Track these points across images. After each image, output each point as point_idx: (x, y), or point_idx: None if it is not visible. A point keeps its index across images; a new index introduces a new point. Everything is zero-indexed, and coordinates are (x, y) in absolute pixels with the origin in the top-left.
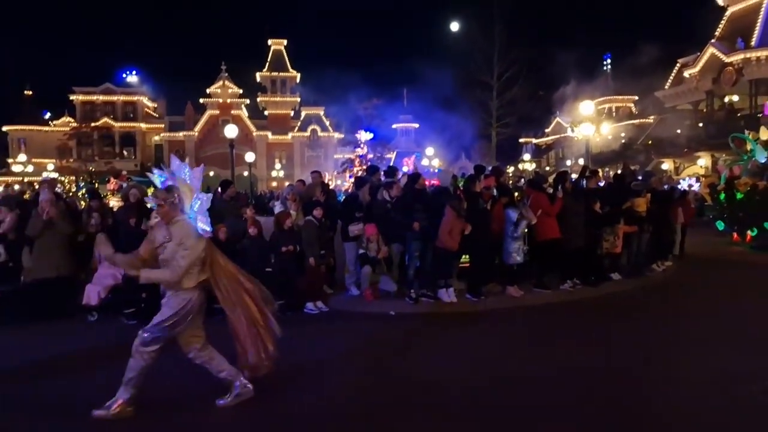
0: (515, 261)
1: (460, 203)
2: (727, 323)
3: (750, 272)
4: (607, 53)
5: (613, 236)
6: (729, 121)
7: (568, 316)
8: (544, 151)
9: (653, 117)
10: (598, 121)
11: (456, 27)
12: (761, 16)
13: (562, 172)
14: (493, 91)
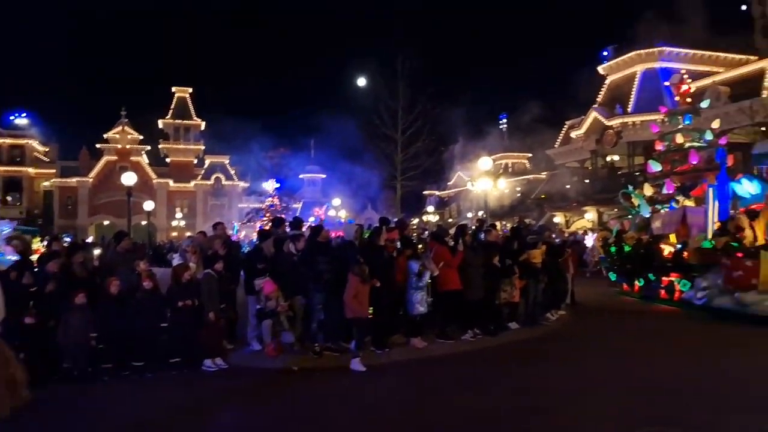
0: (419, 312)
1: (362, 268)
2: (615, 369)
3: (637, 320)
4: (503, 113)
5: (511, 286)
6: (611, 179)
7: (470, 365)
8: (446, 203)
9: (545, 173)
10: (496, 176)
11: (363, 82)
12: (636, 86)
13: (462, 225)
14: (398, 145)
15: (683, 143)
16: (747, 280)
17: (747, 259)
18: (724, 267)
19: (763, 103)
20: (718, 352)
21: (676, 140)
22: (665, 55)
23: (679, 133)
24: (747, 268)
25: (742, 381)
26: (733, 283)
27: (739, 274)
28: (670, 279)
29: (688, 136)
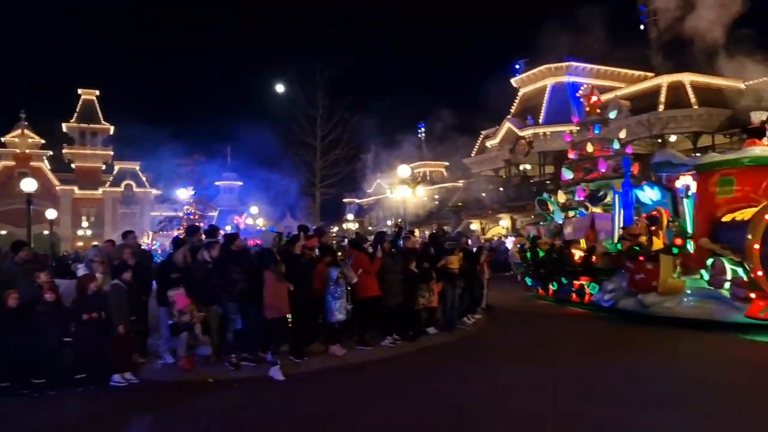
0: (338, 319)
1: (278, 265)
2: (528, 369)
3: (550, 322)
4: (421, 123)
5: (429, 292)
6: (523, 187)
7: (389, 371)
8: (366, 210)
9: (462, 181)
10: (414, 184)
11: (281, 89)
12: (546, 98)
13: (381, 232)
14: (317, 153)
15: (593, 152)
16: (648, 282)
17: (648, 262)
18: (627, 270)
19: (660, 117)
20: (621, 351)
21: (587, 149)
22: (572, 70)
23: (589, 143)
24: (648, 271)
25: (644, 377)
26: (635, 286)
27: (641, 277)
28: (580, 283)
29: (598, 145)
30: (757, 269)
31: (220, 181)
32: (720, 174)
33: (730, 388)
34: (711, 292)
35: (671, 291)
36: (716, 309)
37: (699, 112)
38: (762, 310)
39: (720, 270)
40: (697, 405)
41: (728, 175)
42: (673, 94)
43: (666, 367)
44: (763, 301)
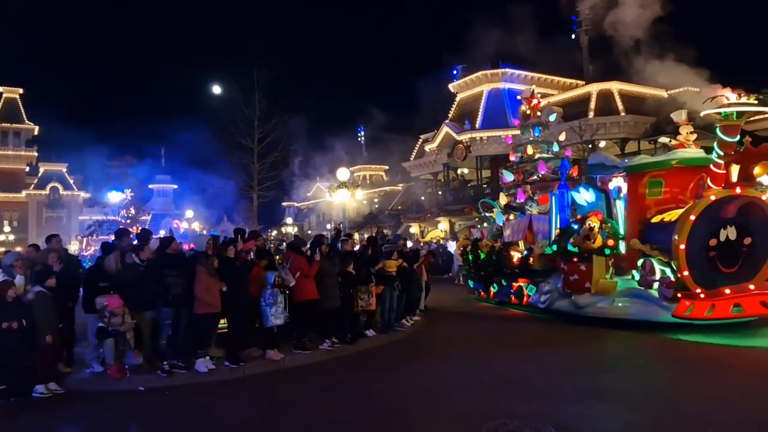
0: (275, 324)
1: (210, 260)
2: (465, 369)
3: (488, 324)
4: (361, 126)
5: (368, 294)
6: (461, 191)
7: (327, 374)
8: (305, 214)
9: (401, 185)
10: (354, 187)
11: (218, 90)
12: (482, 104)
13: (319, 235)
14: (254, 155)
15: (533, 154)
16: (582, 283)
17: (582, 263)
18: (562, 272)
19: (590, 123)
20: (554, 350)
21: (527, 151)
22: (508, 77)
23: (529, 145)
24: (581, 272)
25: (574, 375)
26: (570, 287)
27: (574, 278)
28: (519, 284)
29: (538, 148)
30: (683, 269)
31: (154, 184)
32: (649, 176)
33: (654, 384)
34: (641, 292)
35: (604, 291)
36: (645, 309)
37: (626, 119)
38: (687, 310)
39: (649, 270)
40: (624, 400)
41: (657, 176)
42: (603, 101)
43: (595, 365)
44: (689, 301)
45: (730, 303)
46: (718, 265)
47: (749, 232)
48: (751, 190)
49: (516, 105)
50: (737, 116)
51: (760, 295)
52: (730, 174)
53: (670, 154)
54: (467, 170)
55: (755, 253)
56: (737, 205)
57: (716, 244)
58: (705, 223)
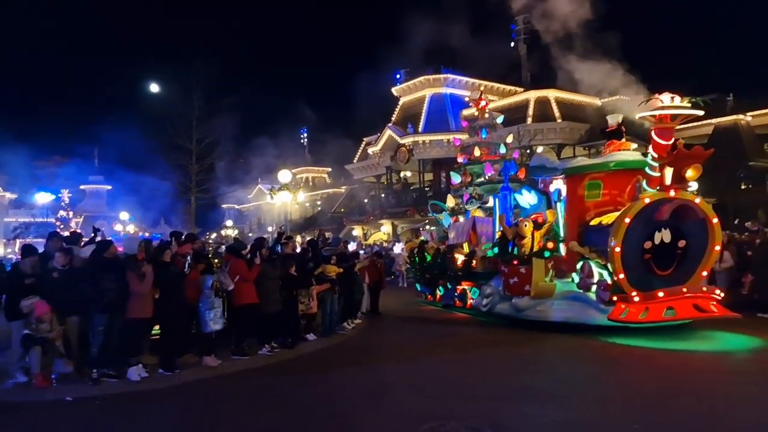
0: (213, 329)
1: (140, 265)
2: (405, 371)
3: (431, 327)
4: (303, 128)
5: (308, 298)
6: (404, 193)
7: (266, 380)
8: (246, 216)
9: (345, 187)
10: (296, 190)
11: (156, 88)
12: (425, 108)
13: (260, 238)
14: (193, 156)
15: (480, 156)
16: (521, 286)
17: (521, 266)
18: (502, 274)
19: (528, 129)
20: (491, 353)
21: (474, 153)
22: (450, 82)
23: (476, 147)
24: (521, 275)
25: (513, 375)
26: (510, 290)
27: (514, 281)
28: (463, 287)
29: (485, 150)
30: (619, 272)
31: (86, 185)
32: (588, 178)
33: (586, 384)
34: (579, 295)
35: (543, 294)
36: (583, 312)
37: (562, 126)
38: (623, 313)
39: (588, 273)
40: (558, 400)
41: (595, 179)
42: (540, 108)
43: (532, 367)
44: (624, 304)
45: (663, 306)
46: (654, 268)
47: (683, 234)
48: (685, 193)
49: (458, 109)
50: (671, 119)
51: (692, 298)
52: (665, 177)
53: (608, 157)
54: (410, 173)
55: (689, 256)
56: (671, 208)
57: (651, 247)
58: (640, 225)
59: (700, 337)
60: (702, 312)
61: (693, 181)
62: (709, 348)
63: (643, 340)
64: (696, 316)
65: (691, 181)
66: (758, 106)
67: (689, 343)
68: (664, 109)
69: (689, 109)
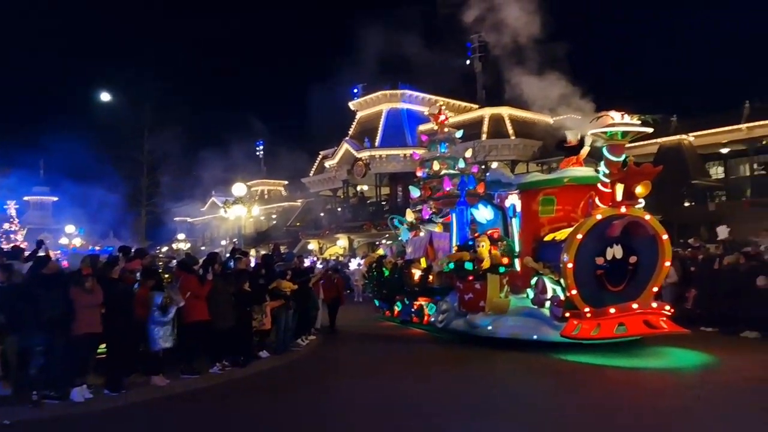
0: (162, 347)
1: (84, 280)
2: (358, 389)
3: (386, 344)
4: (260, 140)
5: (261, 314)
6: (360, 208)
7: (216, 400)
8: (199, 230)
9: (300, 201)
10: (251, 203)
11: (107, 97)
12: (382, 122)
13: (212, 253)
14: (144, 167)
15: (439, 170)
16: (476, 302)
17: (476, 282)
18: (458, 290)
19: (483, 145)
20: (446, 369)
21: (434, 167)
22: (407, 97)
23: (435, 161)
24: (476, 291)
25: (465, 392)
26: (465, 306)
27: (469, 297)
28: (420, 303)
29: (444, 164)
30: (572, 288)
31: (30, 196)
32: (542, 193)
33: (535, 400)
34: (533, 311)
35: (497, 310)
36: (537, 328)
37: (516, 142)
38: (575, 330)
39: (542, 289)
40: (509, 416)
41: (549, 194)
42: (494, 125)
43: (484, 383)
44: (577, 320)
45: (615, 322)
46: (606, 284)
47: (634, 250)
48: (636, 210)
49: (414, 124)
50: (622, 136)
51: (643, 314)
52: (616, 193)
53: (562, 172)
54: (366, 187)
55: (641, 272)
56: (622, 224)
57: (603, 263)
58: (592, 241)
59: (649, 353)
60: (652, 328)
61: (642, 197)
62: (657, 364)
63: (595, 357)
64: (646, 333)
65: (640, 197)
66: (700, 126)
67: (638, 360)
68: (615, 126)
69: (639, 127)
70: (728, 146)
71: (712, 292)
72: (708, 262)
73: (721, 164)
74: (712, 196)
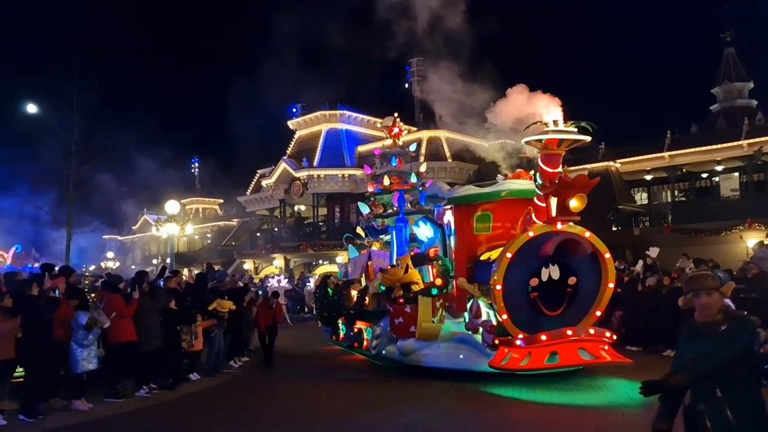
0: (85, 369)
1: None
2: (292, 413)
3: (323, 370)
4: (195, 157)
5: (191, 335)
6: (297, 227)
7: (142, 424)
8: (130, 248)
9: (237, 220)
10: (184, 221)
11: (33, 108)
12: (321, 142)
13: (140, 272)
14: (70, 183)
15: (390, 186)
16: (407, 327)
17: (406, 305)
18: (389, 314)
19: (419, 168)
20: (358, 396)
21: (384, 182)
22: (346, 118)
23: (386, 175)
24: (406, 314)
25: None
26: (395, 331)
27: (399, 321)
28: (359, 327)
29: (395, 179)
30: (502, 312)
31: None
32: (478, 209)
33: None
34: (466, 337)
35: (427, 337)
36: (469, 357)
37: (452, 165)
38: (504, 359)
39: (476, 313)
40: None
41: (485, 210)
42: (432, 147)
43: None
44: (508, 348)
45: (546, 351)
46: (541, 308)
47: (573, 271)
48: (572, 226)
49: (353, 145)
50: (557, 144)
51: (578, 341)
52: (550, 208)
53: (499, 186)
54: (304, 207)
55: (582, 294)
56: (556, 242)
57: (538, 284)
58: (524, 261)
59: (587, 386)
60: (590, 358)
61: (578, 211)
62: (591, 400)
63: (522, 390)
64: (582, 363)
65: (576, 211)
66: (626, 154)
67: (573, 394)
68: (551, 134)
69: (576, 134)
70: (651, 173)
71: (636, 313)
72: (632, 284)
73: (645, 190)
74: (636, 221)
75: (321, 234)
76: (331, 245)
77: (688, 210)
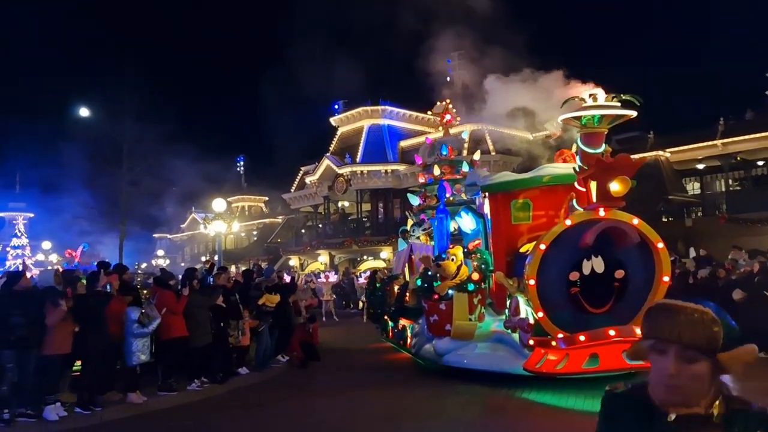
0: (139, 360)
1: (60, 297)
2: (339, 407)
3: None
4: (240, 156)
5: (238, 331)
6: (341, 224)
7: (194, 417)
8: (179, 246)
9: (282, 217)
10: (231, 219)
11: (86, 112)
12: (363, 138)
13: (190, 269)
14: (123, 183)
15: (440, 175)
16: (442, 325)
17: (441, 302)
18: (424, 311)
19: (473, 156)
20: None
21: (434, 172)
22: (387, 113)
23: (436, 165)
24: (441, 312)
25: None
26: (431, 329)
27: (435, 319)
28: (403, 324)
29: (447, 168)
30: (537, 309)
31: (6, 212)
32: (516, 197)
33: None
34: (504, 336)
35: (462, 336)
36: (505, 358)
37: (496, 158)
38: (539, 362)
39: (515, 310)
40: None
41: (524, 197)
42: (475, 140)
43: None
44: (544, 350)
45: (585, 353)
46: (584, 305)
47: (621, 263)
48: (617, 212)
49: (395, 141)
50: (597, 121)
51: (622, 343)
52: (590, 193)
53: (539, 170)
54: (348, 203)
55: (632, 289)
56: (596, 231)
57: (578, 279)
58: (561, 253)
59: None
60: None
61: (619, 196)
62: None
63: (561, 396)
64: (628, 368)
65: (618, 196)
66: (676, 143)
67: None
68: (591, 109)
69: (620, 109)
70: (704, 162)
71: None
72: (683, 277)
73: (697, 180)
74: (688, 211)
75: (365, 230)
76: (375, 241)
77: (744, 199)
